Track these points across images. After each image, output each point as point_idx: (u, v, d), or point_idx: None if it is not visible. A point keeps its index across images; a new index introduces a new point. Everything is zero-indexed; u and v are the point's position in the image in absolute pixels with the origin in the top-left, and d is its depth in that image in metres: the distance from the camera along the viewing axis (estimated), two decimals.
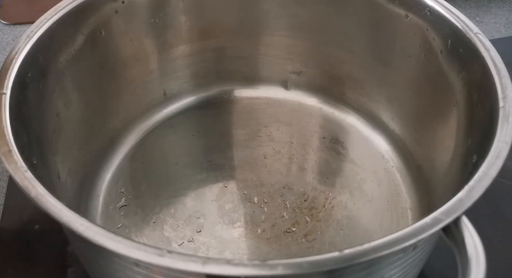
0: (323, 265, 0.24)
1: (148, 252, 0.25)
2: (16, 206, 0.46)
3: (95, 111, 0.45)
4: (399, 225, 0.43)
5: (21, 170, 0.29)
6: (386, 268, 0.28)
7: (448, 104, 0.40)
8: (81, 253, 0.35)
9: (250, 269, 0.24)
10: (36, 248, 0.43)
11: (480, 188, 0.28)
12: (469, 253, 0.26)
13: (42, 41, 0.37)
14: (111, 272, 0.31)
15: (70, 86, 0.41)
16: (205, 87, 0.53)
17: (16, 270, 0.42)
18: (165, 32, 0.48)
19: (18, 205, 0.46)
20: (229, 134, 0.51)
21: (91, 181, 0.45)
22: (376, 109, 0.50)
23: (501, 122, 0.32)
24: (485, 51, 0.36)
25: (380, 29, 0.46)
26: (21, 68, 0.35)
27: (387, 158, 0.48)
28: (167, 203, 0.45)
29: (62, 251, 0.43)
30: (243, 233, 0.43)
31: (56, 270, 0.42)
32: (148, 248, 0.25)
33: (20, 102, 0.34)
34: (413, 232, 0.26)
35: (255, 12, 0.50)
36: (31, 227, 0.44)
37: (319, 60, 0.51)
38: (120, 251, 0.25)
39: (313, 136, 0.51)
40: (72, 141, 0.42)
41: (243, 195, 0.45)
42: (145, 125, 0.50)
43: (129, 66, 0.47)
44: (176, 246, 0.41)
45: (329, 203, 0.45)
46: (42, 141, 0.37)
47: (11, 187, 0.48)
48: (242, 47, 0.52)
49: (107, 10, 0.43)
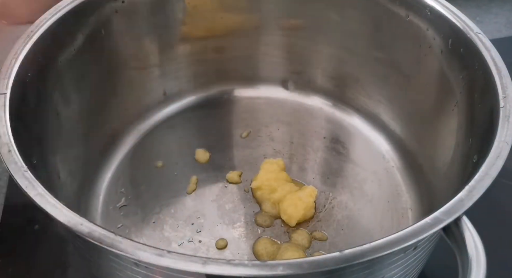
0: (323, 265, 0.24)
1: (148, 252, 0.25)
2: (16, 206, 0.46)
3: (95, 111, 0.45)
4: (399, 225, 0.43)
5: (21, 170, 0.29)
6: (387, 268, 0.28)
7: (449, 104, 0.40)
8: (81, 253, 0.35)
9: (250, 269, 0.24)
10: (36, 248, 0.43)
11: (481, 188, 0.28)
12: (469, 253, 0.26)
13: (42, 41, 0.37)
14: (111, 272, 0.31)
15: (70, 86, 0.41)
16: (205, 87, 0.53)
17: (16, 270, 0.42)
18: (165, 32, 0.48)
19: (18, 205, 0.46)
20: (229, 134, 0.51)
21: (91, 181, 0.45)
22: (377, 109, 0.50)
23: (501, 122, 0.32)
24: (485, 51, 0.36)
25: (381, 29, 0.46)
26: (21, 68, 0.35)
27: (388, 158, 0.48)
28: (167, 203, 0.45)
29: (62, 251, 0.43)
30: (243, 233, 0.43)
31: (56, 270, 0.42)
32: (148, 248, 0.25)
33: (20, 102, 0.34)
34: (413, 232, 0.26)
35: (255, 12, 0.49)
36: (31, 227, 0.44)
37: (319, 60, 0.51)
38: (120, 251, 0.25)
39: (313, 136, 0.51)
40: (72, 141, 0.42)
41: (243, 195, 0.45)
42: (145, 125, 0.50)
43: (129, 66, 0.47)
44: (176, 246, 0.41)
45: (330, 203, 0.45)
46: (42, 141, 0.37)
47: (11, 187, 0.48)
48: (242, 47, 0.52)
49: (107, 10, 0.43)
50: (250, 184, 0.45)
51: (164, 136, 0.50)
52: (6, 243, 0.44)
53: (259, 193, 0.44)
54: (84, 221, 0.26)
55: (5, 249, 0.43)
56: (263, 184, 0.44)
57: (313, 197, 0.43)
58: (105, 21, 0.43)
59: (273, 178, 0.44)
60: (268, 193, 0.44)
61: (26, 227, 0.45)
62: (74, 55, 0.41)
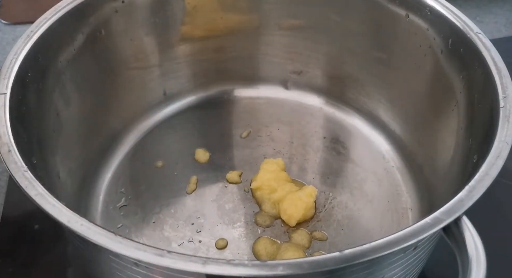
0: (323, 265, 0.24)
1: (148, 252, 0.25)
2: (16, 206, 0.46)
3: (95, 111, 0.45)
4: (399, 225, 0.43)
5: (21, 170, 0.29)
6: (387, 268, 0.28)
7: (449, 104, 0.40)
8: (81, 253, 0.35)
9: (250, 269, 0.24)
10: (36, 248, 0.43)
11: (481, 188, 0.28)
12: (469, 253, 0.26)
13: (42, 41, 0.37)
14: (111, 272, 0.31)
15: (70, 86, 0.41)
16: (205, 87, 0.53)
17: (16, 270, 0.42)
18: (165, 31, 0.48)
19: (18, 205, 0.46)
20: (229, 134, 0.51)
21: (91, 181, 0.45)
22: (377, 109, 0.50)
23: (501, 122, 0.32)
24: (485, 51, 0.36)
25: (381, 29, 0.46)
26: (21, 68, 0.35)
27: (388, 158, 0.48)
28: (167, 203, 0.44)
29: (62, 251, 0.43)
30: (243, 233, 0.43)
31: (56, 270, 0.42)
32: (148, 248, 0.25)
33: (20, 102, 0.34)
34: (413, 232, 0.26)
35: (255, 12, 0.49)
36: (31, 227, 0.44)
37: (319, 60, 0.51)
38: (120, 251, 0.25)
39: (313, 136, 0.51)
40: (72, 141, 0.42)
41: (243, 195, 0.45)
42: (145, 125, 0.50)
43: (129, 66, 0.47)
44: (176, 246, 0.41)
45: (330, 203, 0.45)
46: (42, 141, 0.37)
47: (11, 187, 0.48)
48: (242, 47, 0.52)
49: (107, 10, 0.43)
50: (250, 184, 0.45)
51: (164, 136, 0.50)
52: (6, 243, 0.44)
53: (259, 193, 0.44)
54: (84, 221, 0.26)
55: (5, 249, 0.43)
56: (263, 184, 0.44)
57: (313, 197, 0.43)
58: (105, 21, 0.43)
59: (273, 178, 0.44)
60: (268, 193, 0.44)
61: (26, 227, 0.45)
62: (74, 55, 0.41)
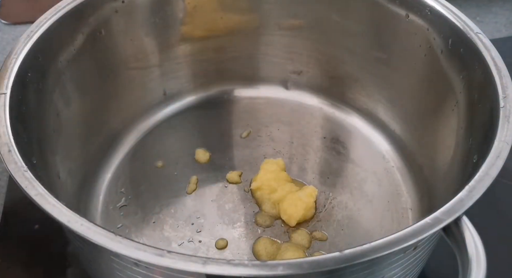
0: (323, 265, 0.24)
1: (148, 252, 0.25)
2: (16, 206, 0.46)
3: (95, 111, 0.45)
4: (399, 225, 0.43)
5: (21, 170, 0.29)
6: (387, 268, 0.28)
7: (449, 104, 0.40)
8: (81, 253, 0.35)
9: (250, 269, 0.24)
10: (36, 248, 0.43)
11: (481, 188, 0.28)
12: (469, 253, 0.26)
13: (42, 41, 0.37)
14: (111, 272, 0.31)
15: (70, 86, 0.41)
16: (205, 87, 0.53)
17: (16, 270, 0.42)
18: (165, 31, 0.48)
19: (18, 205, 0.46)
20: (229, 134, 0.51)
21: (91, 181, 0.45)
22: (377, 109, 0.50)
23: (501, 122, 0.32)
24: (485, 51, 0.36)
25: (381, 29, 0.46)
26: (21, 68, 0.35)
27: (388, 158, 0.48)
28: (167, 203, 0.44)
29: (62, 251, 0.43)
30: (243, 233, 0.43)
31: (56, 270, 0.42)
32: (148, 248, 0.25)
33: (20, 102, 0.34)
34: (413, 232, 0.26)
35: (255, 12, 0.49)
36: (31, 227, 0.44)
37: (319, 60, 0.51)
38: (120, 251, 0.25)
39: (313, 136, 0.51)
40: (72, 141, 0.42)
41: (243, 195, 0.45)
42: (145, 125, 0.50)
43: (129, 66, 0.47)
44: (176, 246, 0.41)
45: (330, 203, 0.45)
46: (42, 141, 0.37)
47: (11, 187, 0.48)
48: (242, 47, 0.52)
49: (107, 10, 0.43)
50: (250, 184, 0.45)
51: (164, 136, 0.50)
52: (6, 243, 0.44)
53: (259, 193, 0.44)
54: (84, 221, 0.26)
55: (5, 249, 0.43)
56: (263, 184, 0.44)
57: (313, 197, 0.43)
58: (105, 21, 0.43)
59: (273, 178, 0.44)
60: (268, 193, 0.44)
61: (26, 227, 0.45)
62: (74, 55, 0.41)
